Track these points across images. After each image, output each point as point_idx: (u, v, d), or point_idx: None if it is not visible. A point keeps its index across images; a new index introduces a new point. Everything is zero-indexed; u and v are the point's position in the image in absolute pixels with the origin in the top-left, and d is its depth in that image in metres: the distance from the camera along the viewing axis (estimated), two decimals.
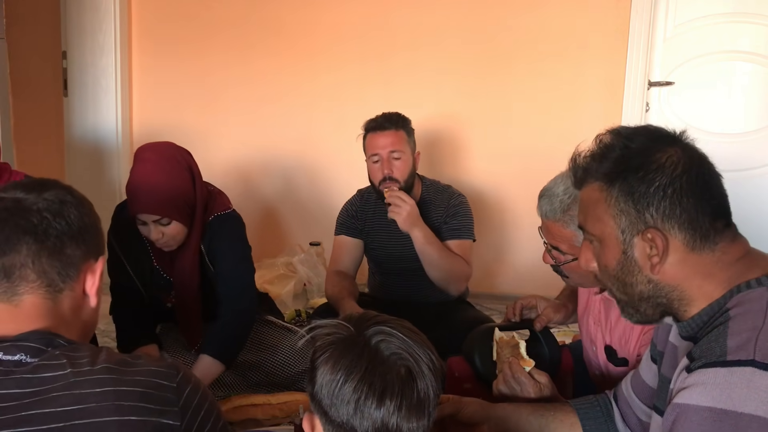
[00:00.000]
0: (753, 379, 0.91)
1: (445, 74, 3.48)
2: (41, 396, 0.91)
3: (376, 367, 0.91)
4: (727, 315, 1.00)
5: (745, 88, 3.35)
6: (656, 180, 1.04)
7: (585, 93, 3.39)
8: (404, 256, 2.51)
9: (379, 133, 2.43)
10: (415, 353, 0.94)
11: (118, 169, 3.68)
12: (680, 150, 1.08)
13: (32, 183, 1.05)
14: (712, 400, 0.92)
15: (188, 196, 2.03)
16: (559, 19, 3.36)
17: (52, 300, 1.01)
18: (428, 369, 0.93)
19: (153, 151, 2.04)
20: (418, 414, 0.92)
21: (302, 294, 3.36)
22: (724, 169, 1.13)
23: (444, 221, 2.50)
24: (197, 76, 3.70)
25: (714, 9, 3.29)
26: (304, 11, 3.57)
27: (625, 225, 1.07)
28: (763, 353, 0.92)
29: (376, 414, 0.90)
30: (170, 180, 1.99)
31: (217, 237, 2.12)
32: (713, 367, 0.95)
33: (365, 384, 0.90)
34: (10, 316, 0.98)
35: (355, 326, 0.96)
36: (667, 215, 1.04)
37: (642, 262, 1.07)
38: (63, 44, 3.64)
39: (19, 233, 0.98)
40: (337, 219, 2.64)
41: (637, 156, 1.07)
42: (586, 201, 1.13)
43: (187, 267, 2.10)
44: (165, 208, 1.97)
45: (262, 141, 3.71)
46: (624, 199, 1.06)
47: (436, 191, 2.56)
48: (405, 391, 0.91)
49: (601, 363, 1.75)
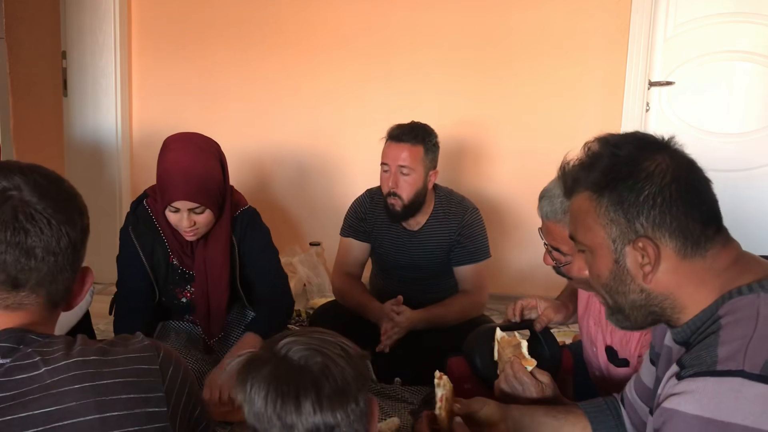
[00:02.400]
0: (742, 390, 0.92)
1: (445, 74, 3.48)
2: (18, 399, 0.87)
3: (284, 373, 0.90)
4: (719, 323, 1.00)
5: (745, 88, 3.34)
6: (645, 189, 1.04)
7: (585, 93, 3.39)
8: (411, 264, 2.51)
9: (395, 144, 2.39)
10: (323, 348, 0.92)
11: (117, 169, 3.68)
12: (668, 157, 1.07)
13: (38, 185, 0.97)
14: (701, 409, 0.93)
15: (220, 185, 2.07)
16: (560, 19, 3.36)
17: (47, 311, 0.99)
18: (340, 358, 0.92)
19: (186, 140, 2.08)
20: (342, 402, 0.90)
21: (302, 294, 3.36)
22: (724, 169, 1.14)
23: (457, 240, 2.46)
24: (197, 76, 3.69)
25: (714, 9, 3.29)
26: (305, 10, 3.56)
27: (615, 234, 1.07)
28: (753, 363, 0.93)
29: (300, 419, 0.88)
30: (206, 169, 2.02)
31: (251, 230, 2.18)
32: (703, 377, 0.95)
33: (277, 392, 0.89)
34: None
35: (266, 346, 0.95)
36: (658, 224, 1.04)
37: (634, 271, 1.07)
38: (63, 44, 3.64)
39: (41, 250, 0.94)
40: (345, 219, 2.61)
41: (625, 164, 1.07)
42: (576, 211, 1.13)
43: (219, 258, 2.12)
44: (203, 196, 1.99)
45: (262, 141, 3.71)
46: (614, 209, 1.06)
47: (449, 204, 2.51)
48: (319, 385, 0.89)
49: (602, 363, 1.75)
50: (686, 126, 3.38)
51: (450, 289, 2.52)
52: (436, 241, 2.49)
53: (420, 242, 2.50)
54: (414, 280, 2.52)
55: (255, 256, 2.19)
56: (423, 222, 2.49)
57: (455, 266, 2.49)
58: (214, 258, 2.12)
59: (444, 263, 2.51)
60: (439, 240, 2.48)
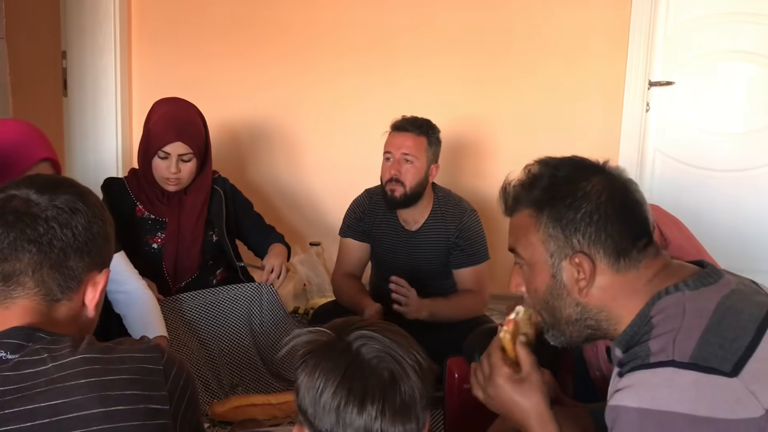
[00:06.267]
0: (674, 378, 0.97)
1: (444, 73, 3.48)
2: (24, 393, 0.89)
3: (356, 372, 0.88)
4: (651, 323, 1.06)
5: (745, 88, 3.34)
6: (582, 207, 1.10)
7: (585, 93, 3.39)
8: (409, 265, 2.51)
9: (399, 133, 2.42)
10: (398, 355, 0.91)
11: (117, 169, 3.68)
12: (604, 179, 1.14)
13: (47, 183, 1.02)
14: (639, 401, 0.98)
15: (205, 140, 2.32)
16: (560, 19, 3.35)
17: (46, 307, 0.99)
18: (413, 371, 0.90)
19: (175, 100, 2.36)
20: (404, 418, 0.88)
21: (302, 294, 3.36)
22: (724, 169, 1.17)
23: (456, 243, 2.47)
24: (197, 76, 3.69)
25: (714, 8, 3.29)
26: (306, 11, 3.56)
27: (553, 249, 1.13)
28: (681, 352, 0.98)
29: (358, 421, 0.87)
30: (195, 122, 2.29)
31: (235, 190, 2.47)
32: (639, 370, 1.01)
33: (345, 389, 0.87)
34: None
35: (337, 332, 0.93)
36: (593, 240, 1.10)
37: (570, 285, 1.12)
38: (63, 44, 3.64)
39: (24, 241, 0.96)
40: (344, 219, 2.61)
41: (564, 184, 1.13)
42: (517, 226, 1.20)
43: (198, 205, 2.32)
44: (193, 142, 2.22)
45: (262, 141, 3.71)
46: (552, 225, 1.12)
47: (447, 205, 2.51)
48: (387, 394, 0.88)
49: (602, 364, 1.75)
50: (686, 126, 3.38)
51: (449, 290, 2.52)
52: (434, 242, 2.49)
53: (419, 242, 2.50)
54: (413, 280, 2.51)
55: (249, 211, 2.48)
56: (422, 222, 2.49)
57: (455, 269, 2.49)
58: (193, 205, 2.30)
59: (443, 264, 2.50)
60: (437, 240, 2.48)
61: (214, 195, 2.39)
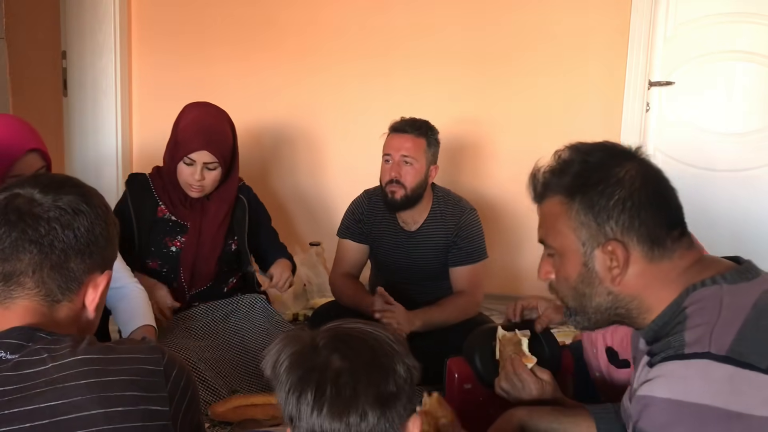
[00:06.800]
0: (708, 371, 0.95)
1: (444, 74, 3.47)
2: (24, 393, 0.89)
3: (305, 362, 0.87)
4: (684, 314, 1.04)
5: (746, 88, 3.34)
6: (616, 194, 1.07)
7: (585, 93, 3.39)
8: (409, 265, 2.50)
9: (398, 135, 2.41)
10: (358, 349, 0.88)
11: (117, 169, 3.68)
12: (637, 165, 1.11)
13: (51, 182, 1.02)
14: (670, 392, 0.96)
15: (232, 149, 2.30)
16: (560, 18, 3.35)
17: (47, 307, 0.99)
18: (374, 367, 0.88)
19: (206, 106, 2.33)
20: (342, 411, 0.85)
21: (302, 294, 3.36)
22: (724, 169, 1.17)
23: (454, 242, 2.46)
24: (197, 76, 3.69)
25: (714, 8, 3.29)
26: (306, 11, 3.56)
27: (585, 237, 1.10)
28: (718, 346, 0.96)
29: (306, 411, 0.85)
30: (223, 130, 2.27)
31: (258, 202, 2.44)
32: (672, 360, 0.99)
33: (295, 378, 0.86)
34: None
35: (312, 335, 0.91)
36: (627, 228, 1.07)
37: (603, 274, 1.10)
38: (63, 44, 3.64)
39: (25, 242, 0.96)
40: (342, 220, 2.61)
41: (596, 170, 1.10)
42: (547, 214, 1.16)
43: (221, 213, 2.29)
44: (219, 152, 2.20)
45: (262, 140, 3.71)
46: (584, 213, 1.09)
47: (446, 204, 2.51)
48: (321, 386, 0.85)
49: (602, 364, 1.75)
50: (686, 126, 3.38)
51: (448, 291, 2.52)
52: (434, 242, 2.49)
53: (418, 243, 2.50)
54: (413, 281, 2.52)
55: (267, 225, 2.46)
56: (421, 222, 2.49)
57: (452, 267, 2.49)
58: (216, 213, 2.28)
59: (442, 264, 2.50)
60: (437, 240, 2.48)
61: (238, 203, 2.36)
